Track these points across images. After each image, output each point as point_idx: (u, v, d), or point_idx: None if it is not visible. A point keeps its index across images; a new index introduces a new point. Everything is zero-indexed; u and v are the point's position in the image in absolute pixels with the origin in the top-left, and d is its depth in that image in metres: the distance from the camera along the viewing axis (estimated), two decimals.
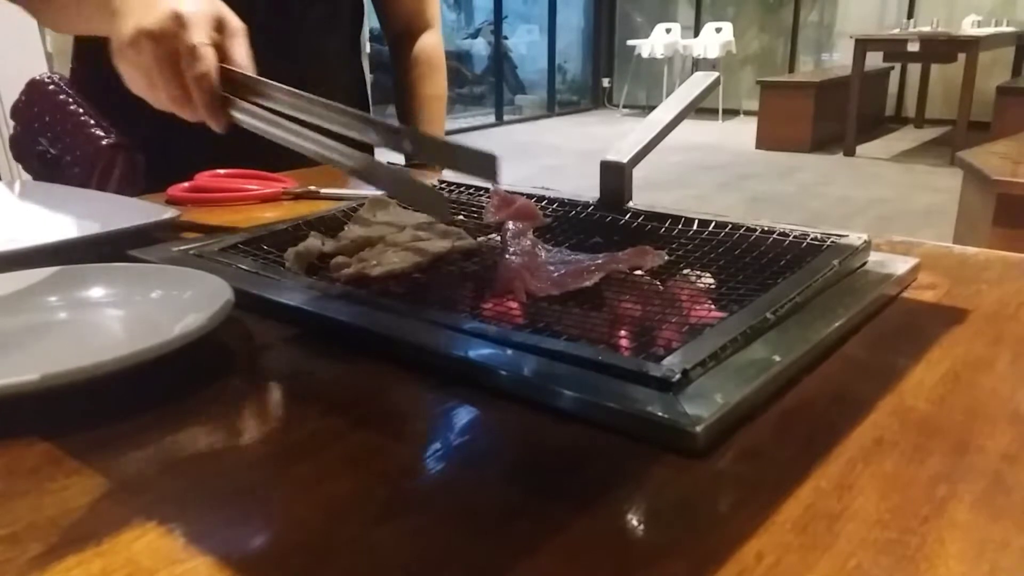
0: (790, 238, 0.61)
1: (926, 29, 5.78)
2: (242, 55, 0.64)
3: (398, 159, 0.64)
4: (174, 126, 0.97)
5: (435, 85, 1.21)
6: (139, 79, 0.64)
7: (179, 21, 0.62)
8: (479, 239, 0.64)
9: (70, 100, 0.93)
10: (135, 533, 0.32)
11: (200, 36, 0.62)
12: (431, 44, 1.21)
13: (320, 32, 1.07)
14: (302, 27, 1.05)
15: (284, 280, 0.58)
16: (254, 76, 0.62)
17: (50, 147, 0.93)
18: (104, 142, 0.90)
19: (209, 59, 0.61)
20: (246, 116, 0.61)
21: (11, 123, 0.97)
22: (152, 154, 0.96)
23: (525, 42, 9.09)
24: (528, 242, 0.61)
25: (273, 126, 0.59)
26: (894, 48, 5.71)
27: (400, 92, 1.22)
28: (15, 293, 0.54)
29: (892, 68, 6.87)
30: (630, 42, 8.20)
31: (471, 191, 0.82)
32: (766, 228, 0.63)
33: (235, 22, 0.65)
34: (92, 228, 0.66)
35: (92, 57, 1.04)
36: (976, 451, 0.37)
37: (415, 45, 1.20)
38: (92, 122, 0.92)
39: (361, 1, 1.16)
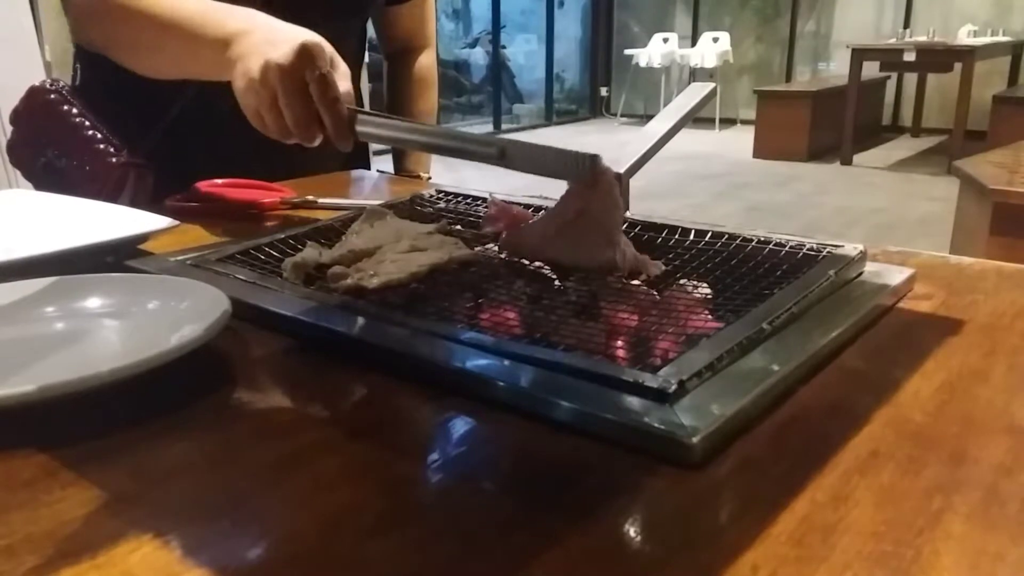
0: (786, 248, 0.61)
1: (922, 39, 5.80)
2: (348, 93, 0.69)
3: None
4: (178, 137, 0.98)
5: (428, 102, 1.28)
6: (266, 111, 0.69)
7: (306, 53, 0.67)
8: (476, 249, 0.64)
9: (73, 111, 0.93)
10: (131, 546, 0.32)
11: (326, 66, 0.67)
12: (427, 64, 1.28)
13: None
14: None
15: (281, 291, 0.58)
16: (362, 110, 0.68)
17: (53, 158, 0.93)
18: (114, 159, 0.90)
19: (337, 85, 0.67)
20: (369, 128, 0.67)
21: (8, 129, 0.97)
22: (154, 164, 0.96)
23: (523, 51, 9.11)
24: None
25: (397, 131, 0.65)
26: (890, 58, 5.73)
27: (395, 106, 1.28)
28: (12, 304, 0.54)
29: (888, 77, 6.89)
30: (628, 51, 8.22)
31: (468, 201, 0.82)
32: (762, 238, 0.63)
33: (343, 64, 0.71)
34: (89, 238, 0.66)
35: (99, 69, 1.04)
36: (971, 463, 0.37)
37: (413, 64, 1.26)
38: (99, 136, 0.92)
39: (366, 23, 1.18)
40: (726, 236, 0.64)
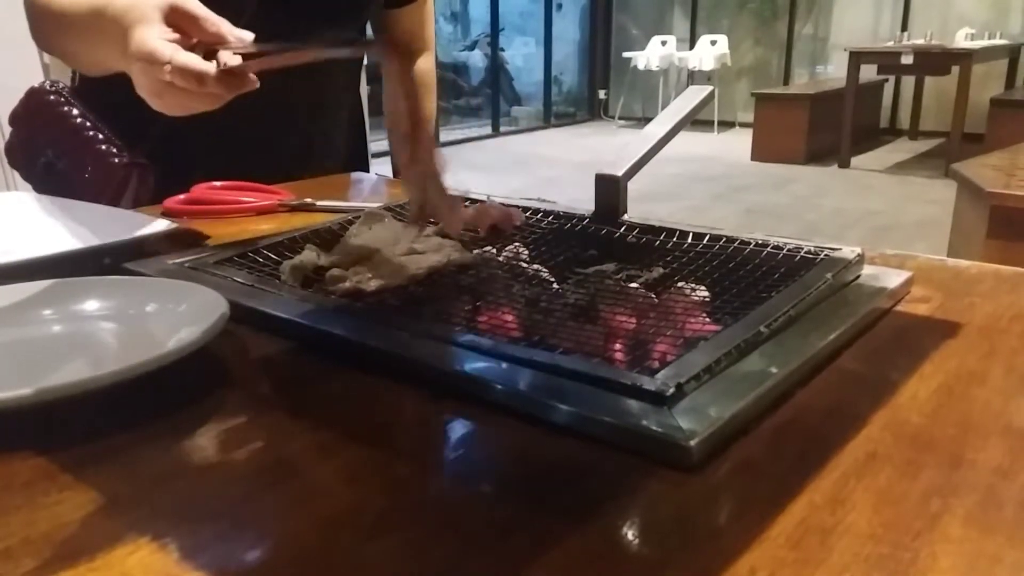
0: (784, 251, 0.61)
1: (920, 42, 5.81)
2: (219, 28, 0.64)
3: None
4: (175, 139, 0.98)
5: (426, 105, 1.28)
6: (172, 108, 0.68)
7: (146, 61, 0.63)
8: (474, 252, 0.64)
9: (74, 112, 0.93)
10: (128, 548, 0.32)
11: (169, 56, 0.62)
12: (426, 68, 1.27)
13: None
14: None
15: (280, 293, 0.58)
16: (242, 50, 0.65)
17: (53, 159, 0.93)
18: (116, 160, 0.90)
19: (195, 63, 0.62)
20: (259, 67, 0.65)
21: (7, 131, 0.97)
22: (153, 166, 0.96)
23: (522, 54, 9.12)
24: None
25: (281, 59, 0.65)
26: (888, 60, 5.74)
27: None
28: (10, 306, 0.54)
29: (886, 80, 6.90)
30: (626, 54, 8.23)
31: (466, 204, 0.82)
32: (760, 241, 0.63)
33: (186, 4, 0.65)
34: (87, 241, 0.66)
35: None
36: (969, 465, 0.37)
37: (412, 67, 1.25)
38: (100, 137, 0.92)
39: (365, 25, 1.18)
40: (724, 239, 0.65)
